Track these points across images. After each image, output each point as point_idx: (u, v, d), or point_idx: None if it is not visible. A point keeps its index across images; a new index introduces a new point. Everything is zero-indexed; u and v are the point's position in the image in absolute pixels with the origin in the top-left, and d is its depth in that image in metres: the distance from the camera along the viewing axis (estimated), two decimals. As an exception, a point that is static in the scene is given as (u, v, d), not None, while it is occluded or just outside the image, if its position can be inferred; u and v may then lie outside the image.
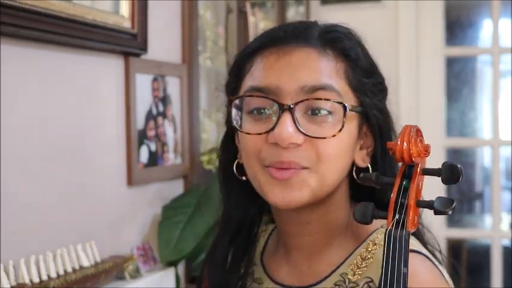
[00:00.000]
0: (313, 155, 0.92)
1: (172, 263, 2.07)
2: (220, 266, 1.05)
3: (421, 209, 0.88)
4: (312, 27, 0.96)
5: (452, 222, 3.59)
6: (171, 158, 2.21)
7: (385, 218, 0.86)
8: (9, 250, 1.47)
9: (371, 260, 0.96)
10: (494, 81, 3.36)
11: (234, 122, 0.95)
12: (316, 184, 0.93)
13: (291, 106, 0.90)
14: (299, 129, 0.90)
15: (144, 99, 2.05)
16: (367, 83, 0.95)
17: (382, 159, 0.98)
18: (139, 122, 2.02)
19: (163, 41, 2.20)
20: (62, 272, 1.57)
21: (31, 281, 1.48)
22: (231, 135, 1.04)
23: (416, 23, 3.29)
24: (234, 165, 1.01)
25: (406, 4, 3.28)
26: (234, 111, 0.96)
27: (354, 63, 0.94)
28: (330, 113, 0.91)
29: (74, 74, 1.74)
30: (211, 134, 2.58)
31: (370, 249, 0.97)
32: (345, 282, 0.96)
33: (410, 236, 0.85)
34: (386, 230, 0.84)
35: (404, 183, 0.88)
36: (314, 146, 0.91)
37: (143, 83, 2.04)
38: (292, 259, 1.03)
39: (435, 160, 0.97)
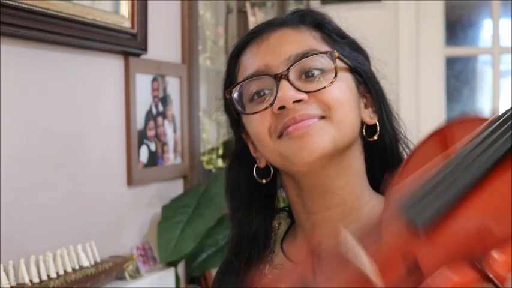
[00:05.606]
0: (322, 105, 0.95)
1: (172, 263, 2.07)
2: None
3: None
4: (282, 15, 1.06)
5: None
6: (171, 158, 2.21)
7: None
8: (9, 250, 1.47)
9: None
10: (494, 81, 3.36)
11: (239, 107, 0.99)
12: (335, 131, 0.95)
13: (284, 73, 0.95)
14: (299, 90, 0.95)
15: (144, 99, 2.04)
16: (343, 42, 1.02)
17: (388, 116, 1.03)
18: (139, 122, 2.02)
19: (163, 41, 2.20)
20: (62, 272, 1.57)
21: (31, 281, 1.48)
22: (243, 146, 1.06)
23: (417, 23, 3.29)
24: (254, 170, 1.03)
25: (406, 4, 3.28)
26: (235, 104, 1.00)
27: (327, 29, 1.02)
28: (322, 71, 0.96)
29: (74, 74, 1.74)
30: (211, 134, 2.58)
31: None
32: None
33: None
34: None
35: None
36: (318, 98, 0.95)
37: (143, 83, 2.04)
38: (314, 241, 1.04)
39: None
